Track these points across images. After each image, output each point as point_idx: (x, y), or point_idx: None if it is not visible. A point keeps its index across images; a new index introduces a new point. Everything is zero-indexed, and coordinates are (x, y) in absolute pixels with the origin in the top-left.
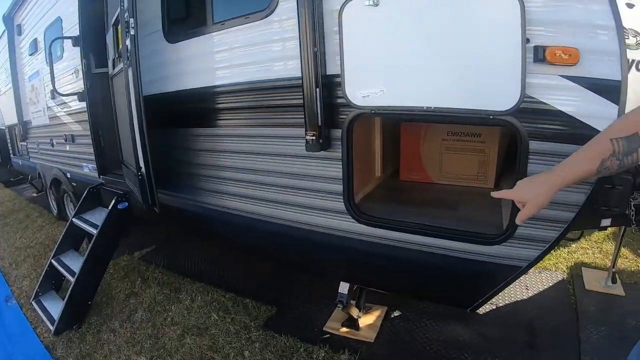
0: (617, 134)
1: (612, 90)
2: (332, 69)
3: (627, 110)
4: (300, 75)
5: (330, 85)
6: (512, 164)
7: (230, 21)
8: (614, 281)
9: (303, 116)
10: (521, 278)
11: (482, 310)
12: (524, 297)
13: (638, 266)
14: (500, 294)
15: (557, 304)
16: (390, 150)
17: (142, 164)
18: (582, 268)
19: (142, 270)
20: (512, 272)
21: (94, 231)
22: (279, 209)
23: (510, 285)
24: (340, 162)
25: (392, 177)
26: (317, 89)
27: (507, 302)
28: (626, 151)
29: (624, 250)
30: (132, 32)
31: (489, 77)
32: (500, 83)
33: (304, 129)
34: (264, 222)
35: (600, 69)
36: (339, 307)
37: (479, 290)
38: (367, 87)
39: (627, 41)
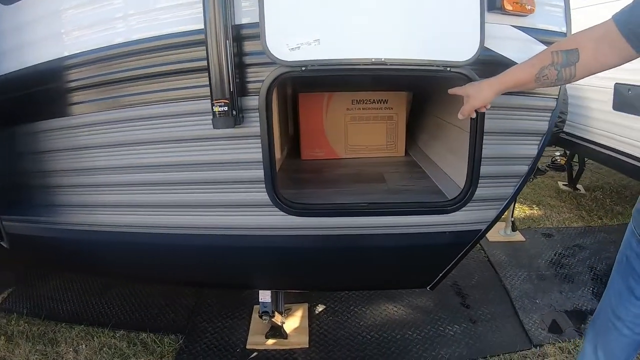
0: (559, 47)
1: None
2: (245, 15)
3: None
4: (201, 27)
5: (242, 38)
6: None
7: None
8: (513, 229)
9: (207, 82)
10: None
11: None
12: None
13: (525, 212)
14: None
15: (471, 261)
16: (285, 127)
17: None
18: None
19: (2, 325)
20: (473, 237)
21: None
22: (177, 214)
23: None
24: (259, 140)
25: (290, 157)
26: (227, 42)
27: None
28: (564, 63)
29: None
30: None
31: (445, 23)
32: (458, 30)
33: (208, 101)
34: (158, 235)
35: (549, 20)
36: (264, 319)
37: (439, 263)
38: (296, 36)
39: None
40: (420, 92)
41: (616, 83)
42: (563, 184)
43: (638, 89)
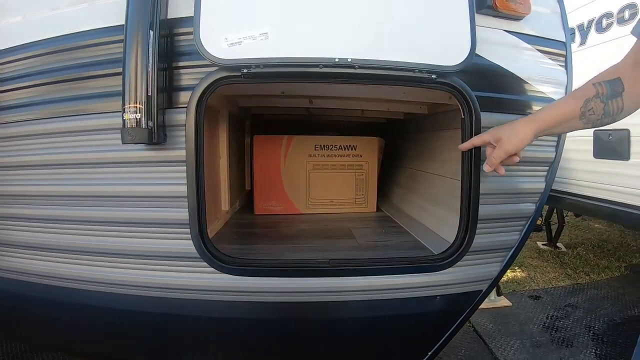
0: (600, 78)
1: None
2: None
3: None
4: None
5: (169, 30)
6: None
7: None
8: (498, 294)
9: (121, 84)
10: None
11: None
12: None
13: (507, 275)
14: None
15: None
16: (240, 178)
17: None
18: None
19: None
20: (472, 300)
21: None
22: (68, 262)
23: None
24: (185, 167)
25: (241, 212)
26: (151, 32)
27: None
28: (610, 94)
29: None
30: None
31: (430, 21)
32: (446, 29)
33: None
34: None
35: (546, 28)
36: None
37: (429, 337)
38: (238, 28)
39: None
40: (392, 138)
41: (595, 130)
42: (542, 244)
43: (619, 133)
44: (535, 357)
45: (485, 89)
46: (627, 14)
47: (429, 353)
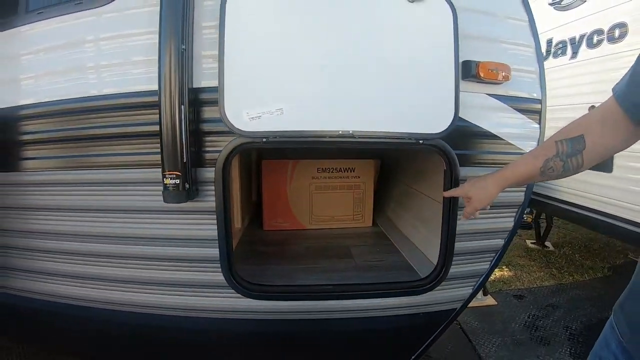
0: (562, 136)
1: (536, 111)
2: (202, 79)
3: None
4: (155, 88)
5: (199, 104)
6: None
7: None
8: (484, 293)
9: (159, 150)
10: None
11: None
12: None
13: (495, 274)
14: None
15: None
16: (248, 194)
17: None
18: None
19: None
20: (447, 316)
21: None
22: (123, 290)
23: None
24: (215, 216)
25: (251, 227)
26: (182, 107)
27: None
28: (570, 152)
29: None
30: None
31: (418, 94)
32: (432, 102)
33: (159, 169)
34: (101, 310)
35: (524, 88)
36: None
37: (413, 345)
38: (257, 104)
39: None
40: (388, 159)
41: None
42: (531, 242)
43: None
44: (514, 354)
45: (465, 148)
46: (617, 33)
47: (413, 356)
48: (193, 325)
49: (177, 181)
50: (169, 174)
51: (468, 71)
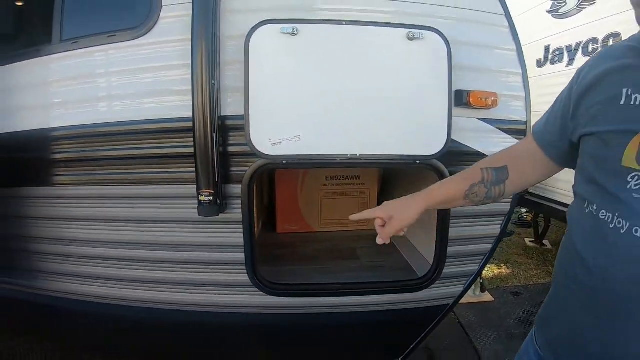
0: (488, 164)
1: (521, 131)
2: (230, 109)
3: None
4: (189, 115)
5: (227, 130)
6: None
7: (86, 39)
8: (482, 290)
9: (193, 168)
10: None
11: None
12: None
13: (493, 271)
14: None
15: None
16: (261, 198)
17: None
18: None
19: None
20: (441, 311)
21: None
22: (161, 290)
23: None
24: (241, 225)
25: (265, 230)
26: (214, 134)
27: None
28: (494, 181)
29: None
30: None
31: (416, 121)
32: (427, 127)
33: (191, 186)
34: (140, 309)
35: (511, 112)
36: None
37: (410, 336)
38: (278, 132)
39: None
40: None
41: None
42: (530, 241)
43: None
44: (508, 347)
45: (457, 166)
46: (611, 42)
47: (411, 346)
48: (222, 320)
49: (211, 198)
50: (203, 192)
51: (460, 99)
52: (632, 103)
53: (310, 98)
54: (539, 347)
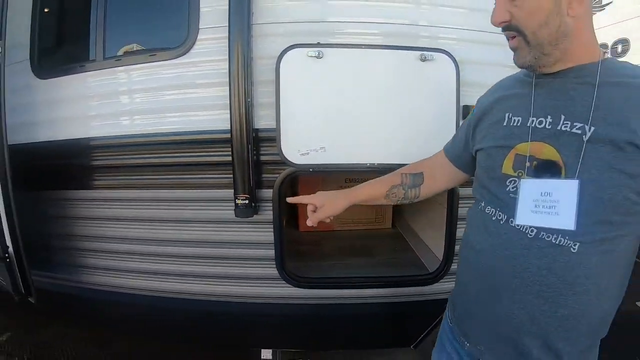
0: (407, 170)
1: None
2: (263, 122)
3: None
4: (227, 128)
5: (261, 141)
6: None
7: (128, 57)
8: None
9: (231, 176)
10: None
11: None
12: None
13: None
14: None
15: None
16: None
17: (8, 240)
18: None
19: None
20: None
21: None
22: (199, 284)
23: None
24: (272, 226)
25: (288, 227)
26: (249, 146)
27: None
28: (411, 184)
29: None
30: None
31: (426, 133)
32: (436, 139)
33: (228, 190)
34: (179, 300)
35: None
36: None
37: (421, 326)
38: (306, 143)
39: None
40: None
41: None
42: None
43: None
44: None
45: None
46: (619, 48)
47: (422, 335)
48: (255, 309)
49: (246, 201)
50: (240, 196)
51: (467, 113)
52: (512, 124)
53: (334, 114)
54: (449, 320)
